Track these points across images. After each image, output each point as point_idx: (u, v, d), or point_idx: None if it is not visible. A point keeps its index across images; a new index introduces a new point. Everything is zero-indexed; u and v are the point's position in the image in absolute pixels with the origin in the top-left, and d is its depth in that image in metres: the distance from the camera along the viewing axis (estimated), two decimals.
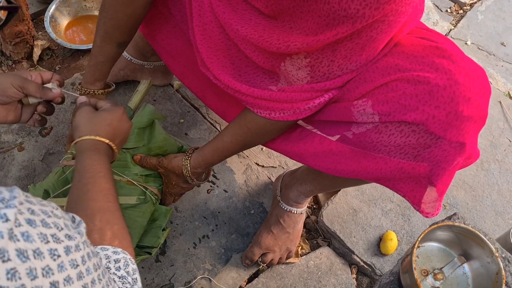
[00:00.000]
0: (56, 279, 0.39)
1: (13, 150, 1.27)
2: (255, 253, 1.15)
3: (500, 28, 1.82)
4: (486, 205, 1.36)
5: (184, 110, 1.41)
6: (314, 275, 1.20)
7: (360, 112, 0.79)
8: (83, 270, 0.43)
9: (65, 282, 0.40)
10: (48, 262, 0.39)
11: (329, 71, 0.78)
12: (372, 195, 1.32)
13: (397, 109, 0.74)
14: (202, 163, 1.00)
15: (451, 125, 0.71)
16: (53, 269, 0.39)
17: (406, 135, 0.76)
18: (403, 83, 0.74)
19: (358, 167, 0.83)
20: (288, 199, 1.15)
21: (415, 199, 0.80)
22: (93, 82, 1.06)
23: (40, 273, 0.38)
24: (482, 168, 1.43)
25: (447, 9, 1.87)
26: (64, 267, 0.40)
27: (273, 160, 1.36)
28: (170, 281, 1.14)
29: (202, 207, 1.25)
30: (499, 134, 1.51)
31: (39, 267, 0.38)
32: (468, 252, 0.83)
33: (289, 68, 0.80)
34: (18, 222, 0.38)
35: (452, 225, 0.78)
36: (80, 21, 1.53)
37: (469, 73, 0.71)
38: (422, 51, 0.74)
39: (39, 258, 0.38)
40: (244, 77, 0.88)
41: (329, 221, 1.26)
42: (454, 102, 0.70)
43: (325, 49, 0.74)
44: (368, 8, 0.66)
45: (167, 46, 1.05)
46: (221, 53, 0.88)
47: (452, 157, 0.73)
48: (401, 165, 0.78)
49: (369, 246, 1.23)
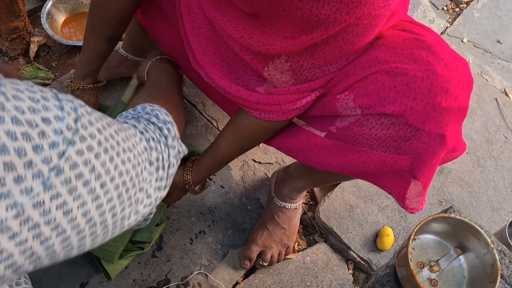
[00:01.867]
0: (46, 116, 0.39)
1: None
2: (253, 251, 1.15)
3: (496, 26, 1.83)
4: (482, 201, 1.37)
5: None
6: (311, 271, 1.19)
7: (343, 106, 0.79)
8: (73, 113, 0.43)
9: (56, 119, 0.40)
10: (31, 104, 0.39)
11: (311, 74, 0.78)
12: (368, 191, 1.32)
13: (377, 101, 0.74)
14: (203, 175, 1.00)
15: (429, 117, 0.70)
16: (38, 109, 0.39)
17: (386, 127, 0.75)
18: (382, 75, 0.73)
19: (343, 161, 0.83)
20: (282, 195, 1.15)
21: (400, 194, 0.80)
22: (84, 77, 1.06)
23: (27, 110, 0.38)
24: (478, 165, 1.44)
25: (444, 7, 1.88)
26: (49, 108, 0.40)
27: (269, 157, 1.36)
28: (166, 277, 1.13)
29: (198, 203, 1.24)
30: (495, 131, 1.52)
31: (24, 106, 0.38)
32: (464, 244, 0.83)
33: (273, 73, 0.80)
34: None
35: (448, 217, 0.78)
36: (77, 18, 1.53)
37: (448, 64, 0.70)
38: (402, 43, 0.74)
39: (20, 100, 0.38)
40: (233, 75, 0.88)
41: (325, 217, 1.26)
42: (432, 93, 0.69)
43: (304, 53, 0.74)
44: (339, 13, 0.66)
45: (165, 39, 1.06)
46: (211, 50, 0.88)
47: (433, 150, 0.72)
48: (383, 158, 0.78)
49: (366, 242, 1.23)
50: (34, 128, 0.38)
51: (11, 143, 0.36)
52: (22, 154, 0.36)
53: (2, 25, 1.32)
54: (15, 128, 0.36)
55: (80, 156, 0.41)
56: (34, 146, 0.37)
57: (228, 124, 0.94)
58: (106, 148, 0.45)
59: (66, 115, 0.41)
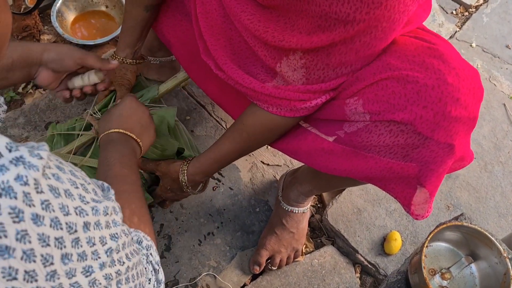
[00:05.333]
0: (89, 221, 0.40)
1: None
2: (262, 256, 1.15)
3: (505, 31, 1.82)
4: (490, 206, 1.37)
5: (190, 107, 1.41)
6: (318, 274, 1.20)
7: (352, 111, 0.78)
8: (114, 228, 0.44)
9: (96, 226, 0.41)
10: (79, 204, 0.39)
11: (324, 75, 0.77)
12: (376, 195, 1.32)
13: (386, 108, 0.74)
14: (198, 171, 0.97)
15: (438, 126, 0.70)
16: (86, 211, 0.40)
17: (395, 135, 0.75)
18: (392, 82, 0.73)
19: (349, 166, 0.83)
20: (289, 199, 1.15)
21: (405, 200, 0.80)
22: (124, 48, 1.07)
23: (72, 211, 0.38)
24: (485, 170, 1.44)
25: (453, 11, 1.87)
26: (98, 211, 0.41)
27: (278, 159, 1.37)
28: (175, 278, 1.14)
29: (207, 204, 1.25)
30: (503, 136, 1.52)
31: (71, 205, 0.38)
32: (476, 252, 0.83)
33: (285, 69, 0.79)
34: (49, 165, 0.38)
35: (461, 225, 0.78)
36: (86, 16, 1.53)
37: (459, 73, 0.69)
38: (414, 50, 0.73)
39: (70, 198, 0.38)
40: (244, 68, 0.87)
41: (333, 220, 1.26)
42: (442, 103, 0.69)
43: (320, 51, 0.74)
44: (358, 12, 0.65)
45: (172, 39, 1.06)
46: (223, 42, 0.88)
47: (441, 158, 0.72)
48: (391, 165, 0.77)
49: (373, 245, 1.24)
50: (71, 234, 0.38)
51: (40, 249, 0.36)
52: (48, 262, 0.36)
53: (14, 23, 1.32)
54: (51, 232, 0.36)
55: (106, 280, 0.42)
56: (63, 254, 0.37)
57: (233, 124, 0.93)
58: (127, 277, 0.46)
59: (105, 227, 0.43)
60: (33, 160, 0.36)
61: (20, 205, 0.34)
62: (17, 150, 0.36)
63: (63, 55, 0.87)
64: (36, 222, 0.35)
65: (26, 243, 0.34)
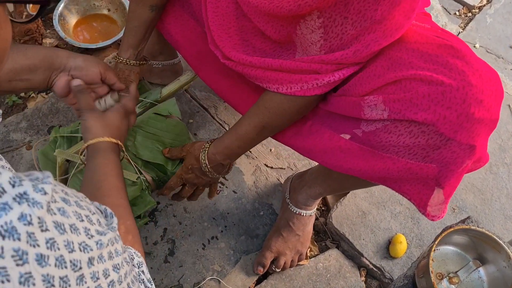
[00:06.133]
0: (93, 256, 0.39)
1: (22, 148, 1.26)
2: (267, 257, 1.14)
3: (509, 31, 1.81)
4: (495, 208, 1.36)
5: (193, 110, 1.40)
6: (323, 278, 1.19)
7: (371, 107, 0.78)
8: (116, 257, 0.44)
9: (99, 259, 0.41)
10: (84, 239, 0.39)
11: (342, 31, 0.75)
12: (381, 198, 1.31)
13: (408, 107, 0.73)
14: (220, 149, 0.97)
15: (461, 127, 0.70)
16: (90, 246, 0.39)
17: (415, 135, 0.74)
18: (416, 82, 0.73)
19: (365, 166, 0.82)
20: (297, 202, 1.15)
21: (421, 201, 0.79)
22: (127, 49, 1.06)
23: (77, 247, 0.38)
24: (491, 172, 1.43)
25: (456, 12, 1.87)
26: (103, 244, 0.41)
27: (281, 162, 1.36)
28: (179, 282, 1.13)
29: (211, 208, 1.24)
30: (507, 137, 1.51)
31: (76, 241, 0.38)
32: (484, 256, 0.82)
33: (304, 32, 0.78)
34: (54, 199, 0.38)
35: (468, 229, 0.77)
36: (88, 20, 1.53)
37: (482, 75, 0.70)
38: (436, 49, 0.73)
39: (75, 233, 0.38)
40: (258, 54, 0.87)
41: (338, 223, 1.25)
42: (466, 104, 0.69)
43: (337, 4, 0.73)
44: None
45: (180, 39, 1.05)
46: (233, 31, 0.87)
47: (461, 160, 0.72)
48: (409, 166, 0.77)
49: (378, 249, 1.23)
50: (76, 272, 0.38)
51: None
52: None
53: (16, 27, 1.31)
54: (55, 272, 0.36)
55: None
56: None
57: (254, 105, 0.92)
58: None
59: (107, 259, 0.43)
60: (37, 196, 0.36)
61: (24, 247, 0.34)
62: (21, 185, 0.35)
63: (89, 64, 0.87)
64: (40, 263, 0.34)
65: (30, 285, 0.34)
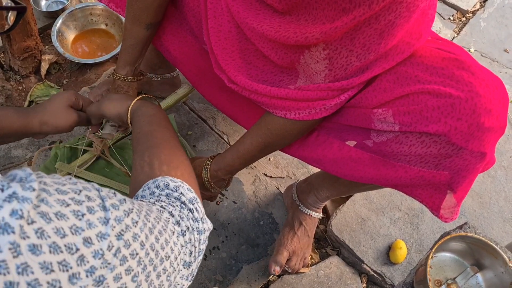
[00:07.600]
0: (88, 235, 0.40)
1: (23, 164, 1.28)
2: (285, 256, 1.17)
3: (503, 35, 1.83)
4: (494, 212, 1.37)
5: (192, 122, 1.41)
6: (325, 285, 1.20)
7: (380, 120, 0.79)
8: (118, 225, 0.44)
9: (99, 237, 0.41)
10: (74, 222, 0.40)
11: (347, 62, 0.77)
12: (380, 204, 1.32)
13: (418, 120, 0.75)
14: (222, 166, 0.98)
15: (472, 136, 0.72)
16: (82, 227, 0.40)
17: (427, 145, 0.76)
18: (424, 95, 0.74)
19: (376, 175, 0.84)
20: (307, 203, 1.18)
21: (434, 205, 0.81)
22: (124, 66, 1.08)
23: (68, 232, 0.39)
24: (488, 175, 1.44)
25: (450, 17, 1.88)
26: (93, 224, 0.41)
27: (280, 171, 1.37)
28: None
29: (211, 218, 1.25)
30: (504, 141, 1.52)
31: (66, 226, 0.39)
32: (481, 262, 0.83)
33: (308, 61, 0.80)
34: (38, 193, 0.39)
35: (465, 236, 0.79)
36: (86, 35, 1.55)
37: (488, 84, 0.72)
38: (441, 62, 0.75)
39: (62, 219, 0.39)
40: (261, 77, 0.88)
41: (338, 230, 1.27)
42: (475, 114, 0.71)
43: (343, 38, 0.75)
44: None
45: (179, 56, 1.07)
46: (236, 54, 0.89)
47: (473, 166, 0.74)
48: (422, 174, 0.78)
49: (379, 255, 1.24)
50: (74, 254, 0.38)
51: (45, 277, 0.36)
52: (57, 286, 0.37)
53: (15, 44, 1.33)
54: (52, 258, 0.37)
55: (117, 282, 0.42)
56: (70, 276, 0.38)
57: (256, 122, 0.94)
58: (145, 265, 0.46)
59: (110, 231, 0.42)
60: (26, 193, 0.38)
61: (17, 239, 0.35)
62: (9, 187, 0.37)
63: (60, 128, 0.93)
64: (34, 252, 0.36)
65: (28, 274, 0.35)
